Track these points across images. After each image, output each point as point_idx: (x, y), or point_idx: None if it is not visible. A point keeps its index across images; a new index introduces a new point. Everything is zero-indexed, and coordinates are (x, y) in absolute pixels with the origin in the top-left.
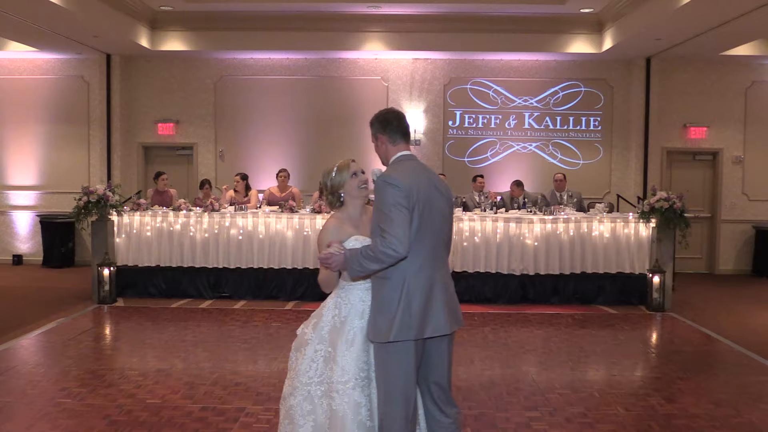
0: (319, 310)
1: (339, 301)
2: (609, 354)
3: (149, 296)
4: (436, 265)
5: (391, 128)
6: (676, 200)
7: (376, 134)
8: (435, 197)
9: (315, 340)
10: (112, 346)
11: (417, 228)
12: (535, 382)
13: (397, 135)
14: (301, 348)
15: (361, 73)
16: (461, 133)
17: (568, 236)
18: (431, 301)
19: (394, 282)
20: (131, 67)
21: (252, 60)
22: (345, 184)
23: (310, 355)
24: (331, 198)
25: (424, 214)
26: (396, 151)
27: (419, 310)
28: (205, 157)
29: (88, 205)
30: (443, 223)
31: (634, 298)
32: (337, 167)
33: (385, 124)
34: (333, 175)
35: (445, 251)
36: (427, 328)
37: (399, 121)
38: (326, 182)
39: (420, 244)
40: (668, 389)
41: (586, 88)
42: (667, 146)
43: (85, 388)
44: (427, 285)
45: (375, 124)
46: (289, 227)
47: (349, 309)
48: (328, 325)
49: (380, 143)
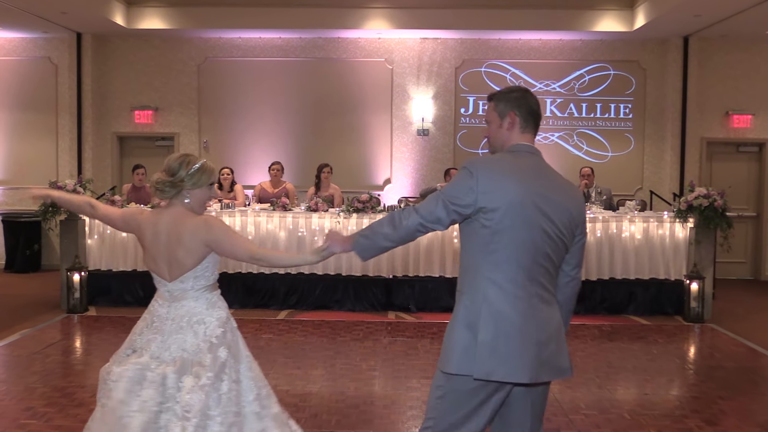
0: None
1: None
2: (641, 370)
3: (125, 305)
4: (528, 292)
5: (529, 110)
6: (717, 197)
7: (506, 111)
8: (538, 206)
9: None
10: (84, 361)
11: (508, 239)
12: (558, 401)
13: (531, 121)
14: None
15: (362, 54)
16: (475, 121)
17: (594, 238)
18: (530, 337)
19: (471, 297)
20: (104, 48)
21: (240, 40)
22: (197, 189)
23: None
24: (170, 191)
25: (516, 221)
26: (520, 140)
27: (488, 342)
28: (187, 149)
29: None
30: (546, 241)
31: (670, 308)
32: (202, 165)
33: (522, 102)
34: (193, 170)
35: (545, 276)
36: (505, 368)
37: (538, 105)
38: (180, 171)
39: (506, 261)
40: (708, 410)
41: (615, 71)
42: (707, 136)
43: (53, 408)
44: (508, 312)
45: (506, 98)
46: (281, 227)
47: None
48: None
49: (506, 123)
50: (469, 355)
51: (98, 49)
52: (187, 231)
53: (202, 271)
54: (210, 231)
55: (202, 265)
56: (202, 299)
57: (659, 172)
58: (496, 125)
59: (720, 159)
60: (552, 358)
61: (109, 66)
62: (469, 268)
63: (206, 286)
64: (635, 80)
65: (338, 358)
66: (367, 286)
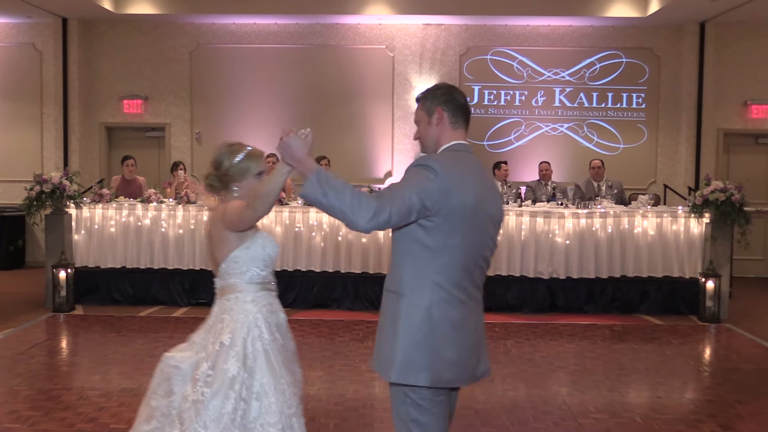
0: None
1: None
2: (654, 372)
3: (113, 303)
4: (469, 295)
5: (457, 105)
6: (735, 191)
7: (433, 107)
8: (484, 209)
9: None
10: (70, 362)
11: (459, 242)
12: (567, 405)
13: (460, 116)
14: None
15: (362, 41)
16: (480, 111)
17: (605, 234)
18: (465, 345)
19: (413, 303)
20: (92, 34)
21: (234, 26)
22: (245, 180)
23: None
24: (217, 184)
25: (467, 224)
26: (454, 138)
27: (448, 354)
28: (179, 140)
29: (41, 196)
30: (485, 240)
31: (684, 307)
32: (247, 153)
33: (449, 98)
34: (238, 159)
35: (480, 279)
36: (446, 376)
37: (465, 100)
38: (224, 162)
39: (455, 262)
40: (724, 414)
41: (627, 59)
42: (724, 128)
43: (38, 412)
44: (454, 315)
45: (432, 95)
46: (277, 222)
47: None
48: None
49: (436, 121)
50: (434, 360)
51: (85, 35)
52: (215, 220)
53: (232, 263)
54: (225, 211)
55: (231, 257)
56: (232, 297)
57: (673, 165)
58: (425, 123)
59: (737, 151)
60: (483, 358)
61: (97, 53)
62: (409, 271)
63: (240, 283)
64: (649, 68)
65: (337, 359)
66: (367, 283)
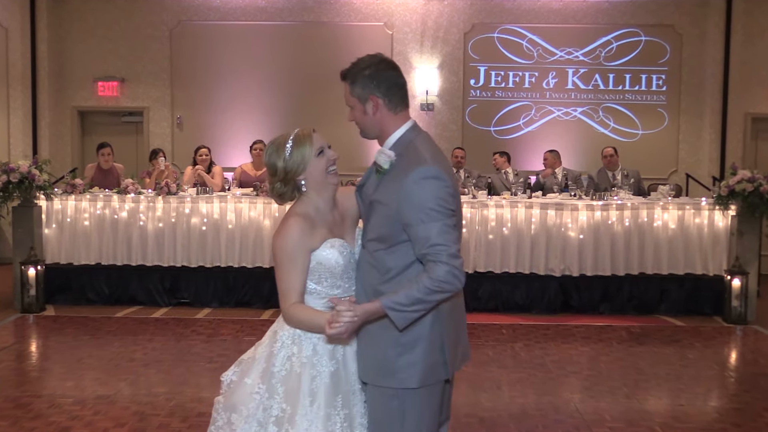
0: (262, 348)
1: (298, 334)
2: (675, 378)
3: (87, 303)
4: None
5: (389, 85)
6: (764, 181)
7: (366, 95)
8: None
9: (264, 393)
10: (40, 367)
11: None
12: (580, 412)
13: (397, 96)
14: (239, 407)
15: (358, 17)
16: (486, 94)
17: (622, 227)
18: (460, 323)
19: None
20: (62, 10)
21: (218, 1)
22: (308, 166)
23: (258, 418)
24: (284, 188)
25: (458, 206)
26: (399, 122)
27: (454, 339)
28: (158, 125)
29: (8, 187)
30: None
31: (708, 307)
32: (294, 139)
33: (379, 79)
34: (289, 151)
35: None
36: (458, 359)
37: (398, 74)
38: (277, 163)
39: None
40: (752, 423)
41: (647, 38)
42: (753, 112)
43: (6, 421)
44: (458, 300)
45: (360, 78)
46: (266, 215)
47: (315, 345)
48: (283, 370)
49: (372, 110)
50: (437, 360)
51: (54, 11)
52: None
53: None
54: (274, 237)
55: None
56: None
57: (697, 153)
58: (361, 112)
59: (767, 138)
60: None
61: (68, 30)
62: (405, 269)
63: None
64: (670, 48)
65: None
66: None
